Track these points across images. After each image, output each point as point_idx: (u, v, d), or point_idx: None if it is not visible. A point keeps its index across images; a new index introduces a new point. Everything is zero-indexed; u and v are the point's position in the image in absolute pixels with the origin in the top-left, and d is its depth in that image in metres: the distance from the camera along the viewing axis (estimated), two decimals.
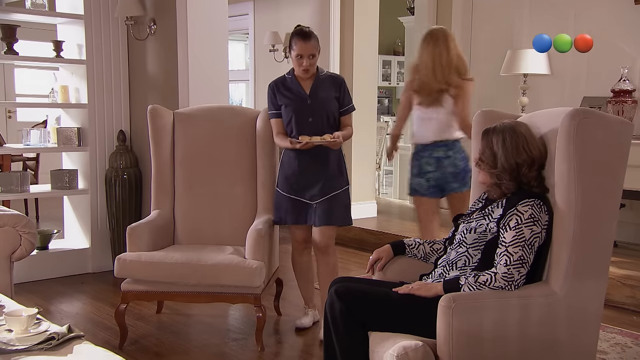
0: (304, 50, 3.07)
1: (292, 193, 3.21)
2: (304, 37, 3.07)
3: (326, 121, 3.17)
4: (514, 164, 2.11)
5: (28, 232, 2.98)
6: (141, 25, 4.43)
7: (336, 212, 3.20)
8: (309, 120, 3.14)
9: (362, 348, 2.11)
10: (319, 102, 3.15)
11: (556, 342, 2.04)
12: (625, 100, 4.45)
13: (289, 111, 3.17)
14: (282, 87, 3.21)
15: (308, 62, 3.08)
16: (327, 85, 3.19)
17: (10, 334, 1.84)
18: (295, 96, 3.16)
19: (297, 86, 3.17)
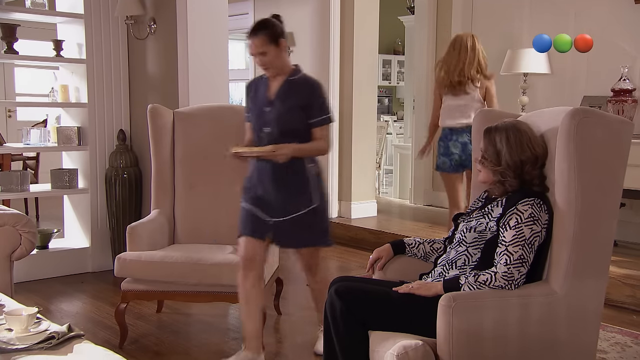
0: (251, 48, 2.70)
1: (248, 205, 2.81)
2: (250, 33, 2.68)
3: (283, 134, 2.69)
4: (518, 161, 2.11)
5: (28, 232, 2.98)
6: (141, 24, 4.43)
7: (299, 235, 2.77)
8: (265, 131, 2.72)
9: (363, 347, 2.11)
10: (276, 110, 2.70)
11: (556, 341, 2.04)
12: (625, 99, 4.45)
13: (249, 118, 2.83)
14: (254, 87, 2.85)
15: (261, 60, 2.69)
16: (296, 90, 2.73)
17: (10, 333, 1.84)
18: (257, 100, 2.79)
19: (265, 89, 2.77)
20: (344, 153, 5.84)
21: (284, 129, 2.69)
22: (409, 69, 7.71)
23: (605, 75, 4.66)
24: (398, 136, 8.66)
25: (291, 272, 4.54)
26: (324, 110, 2.76)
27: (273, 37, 2.68)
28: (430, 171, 6.59)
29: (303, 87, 2.74)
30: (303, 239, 2.81)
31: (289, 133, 2.69)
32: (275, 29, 2.70)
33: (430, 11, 6.44)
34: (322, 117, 2.74)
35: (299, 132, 2.71)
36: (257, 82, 2.85)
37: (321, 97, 2.77)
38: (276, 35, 2.69)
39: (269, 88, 2.76)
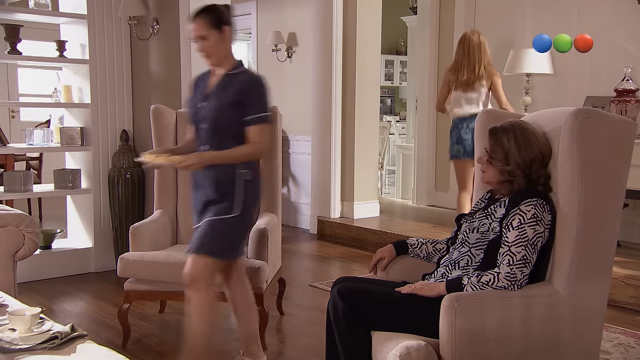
0: (191, 32, 2.54)
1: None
2: (193, 16, 2.54)
3: (217, 131, 2.52)
4: (527, 160, 2.11)
5: (31, 232, 2.98)
6: (144, 25, 4.43)
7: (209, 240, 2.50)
8: (202, 128, 2.57)
9: (365, 348, 2.11)
10: (211, 105, 2.53)
11: (559, 342, 2.04)
12: (628, 99, 4.44)
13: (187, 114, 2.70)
14: (196, 83, 2.69)
15: (201, 45, 2.51)
16: (234, 85, 2.53)
17: (14, 333, 1.84)
18: (196, 95, 2.64)
19: (204, 84, 2.62)
20: (347, 153, 5.84)
21: (218, 126, 2.52)
22: (411, 70, 7.70)
23: (608, 76, 4.65)
24: (400, 136, 8.65)
25: (294, 273, 4.54)
26: (260, 109, 2.52)
27: (216, 22, 2.49)
28: (433, 171, 6.58)
29: (241, 82, 2.53)
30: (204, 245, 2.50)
31: (223, 131, 2.52)
32: (220, 14, 2.52)
33: (433, 11, 6.43)
34: (256, 115, 2.51)
35: (235, 130, 2.52)
36: (200, 77, 2.69)
37: (259, 94, 2.54)
38: (220, 21, 2.51)
39: (208, 83, 2.61)
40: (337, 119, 5.76)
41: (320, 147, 5.84)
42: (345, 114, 5.80)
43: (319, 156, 5.86)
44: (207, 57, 2.55)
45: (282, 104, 5.48)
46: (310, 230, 5.99)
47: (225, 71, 2.56)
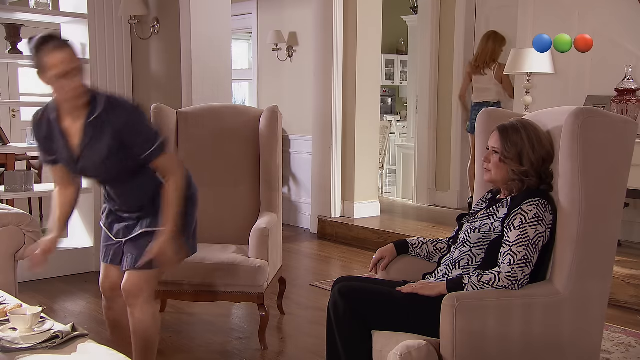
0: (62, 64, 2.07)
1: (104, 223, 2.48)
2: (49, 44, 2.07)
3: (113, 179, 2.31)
4: (540, 158, 2.10)
5: (32, 231, 2.99)
6: (144, 24, 4.44)
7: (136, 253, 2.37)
8: (93, 180, 2.42)
9: (366, 347, 2.11)
10: (90, 162, 2.22)
11: (560, 341, 2.04)
12: (629, 99, 4.44)
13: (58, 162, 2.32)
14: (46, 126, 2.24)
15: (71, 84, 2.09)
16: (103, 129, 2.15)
17: (15, 333, 1.84)
18: (60, 148, 2.23)
19: (60, 135, 2.21)
20: (347, 153, 5.84)
21: (111, 177, 2.29)
22: (412, 69, 7.70)
23: (609, 75, 4.65)
24: (401, 136, 8.65)
25: (295, 272, 4.54)
26: (151, 139, 2.20)
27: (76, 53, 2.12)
28: (434, 171, 6.59)
29: (110, 122, 2.14)
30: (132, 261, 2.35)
31: (120, 175, 2.28)
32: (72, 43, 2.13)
33: (434, 11, 6.43)
34: (152, 148, 2.20)
35: (132, 165, 2.25)
36: (47, 120, 2.23)
37: (139, 125, 2.20)
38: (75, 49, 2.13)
39: (65, 133, 2.18)
40: (337, 118, 5.76)
41: (320, 146, 5.84)
42: (345, 113, 5.80)
43: (319, 156, 5.86)
44: (73, 99, 2.12)
45: (282, 103, 5.49)
46: (311, 229, 5.99)
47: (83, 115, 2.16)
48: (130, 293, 2.36)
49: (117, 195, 2.38)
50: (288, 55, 6.29)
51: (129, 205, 2.38)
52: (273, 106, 3.50)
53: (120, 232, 2.42)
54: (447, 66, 6.43)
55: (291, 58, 6.30)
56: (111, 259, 2.45)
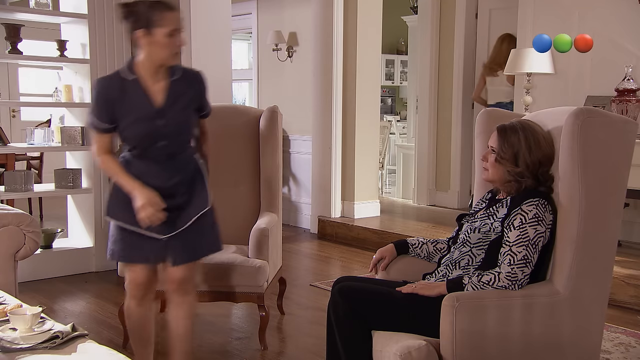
0: (179, 22, 2.24)
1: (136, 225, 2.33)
2: (172, 7, 2.23)
3: (180, 144, 2.37)
4: (536, 161, 2.10)
5: (32, 231, 2.98)
6: None
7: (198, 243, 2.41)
8: (160, 145, 2.31)
9: (366, 347, 2.11)
10: (176, 120, 2.31)
11: (560, 341, 2.04)
12: (629, 99, 4.44)
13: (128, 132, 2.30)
14: (118, 90, 2.26)
15: (179, 41, 2.25)
16: (186, 89, 2.33)
17: (15, 333, 1.84)
18: (136, 109, 2.27)
19: (142, 94, 2.26)
20: (347, 153, 5.84)
21: (183, 139, 2.37)
22: (412, 69, 7.70)
23: (609, 75, 4.65)
24: (401, 136, 8.65)
25: (294, 272, 4.54)
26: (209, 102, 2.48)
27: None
28: (434, 171, 6.59)
29: (190, 83, 2.35)
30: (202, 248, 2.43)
31: (182, 144, 2.37)
32: None
33: (434, 11, 6.43)
34: (209, 108, 2.49)
35: (192, 134, 2.42)
36: (119, 83, 2.28)
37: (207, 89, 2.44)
38: None
39: (148, 92, 2.26)
40: (337, 118, 5.76)
41: (320, 146, 5.84)
42: (345, 113, 5.80)
43: (319, 156, 5.86)
44: (176, 55, 2.27)
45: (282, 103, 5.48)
46: (311, 229, 5.99)
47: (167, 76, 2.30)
48: (187, 281, 2.44)
49: (169, 172, 2.33)
50: (288, 56, 6.29)
51: (176, 185, 2.34)
52: (273, 106, 3.50)
53: (163, 228, 2.32)
54: (447, 66, 6.43)
55: (291, 58, 6.30)
56: (153, 259, 2.38)
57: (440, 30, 6.46)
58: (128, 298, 2.48)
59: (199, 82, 2.40)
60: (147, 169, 2.32)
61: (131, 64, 2.29)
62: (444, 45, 6.45)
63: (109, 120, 2.29)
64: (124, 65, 2.32)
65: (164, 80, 2.30)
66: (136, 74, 2.27)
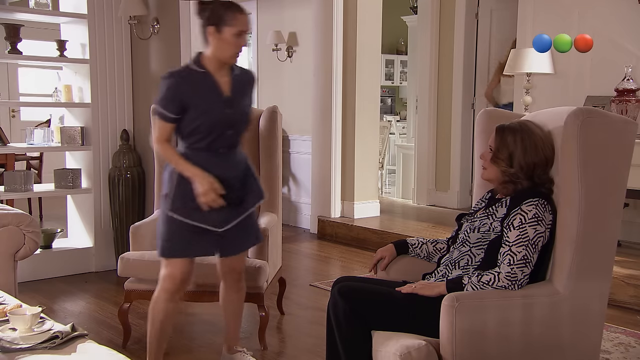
0: (247, 25, 2.41)
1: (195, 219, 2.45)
2: (243, 10, 2.40)
3: (242, 134, 2.54)
4: (531, 164, 2.10)
5: (32, 231, 2.98)
6: (144, 24, 4.43)
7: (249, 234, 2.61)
8: (228, 134, 2.46)
9: (366, 347, 2.11)
10: (239, 110, 2.48)
11: (560, 341, 2.04)
12: (629, 99, 4.44)
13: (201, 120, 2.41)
14: (190, 82, 2.42)
15: (245, 42, 2.43)
16: (245, 85, 2.53)
17: (14, 333, 1.84)
18: (206, 99, 2.41)
19: (212, 85, 2.42)
20: (347, 153, 5.84)
21: (244, 129, 2.55)
22: (411, 69, 7.70)
23: (608, 75, 4.65)
24: (401, 136, 8.65)
25: (294, 272, 4.54)
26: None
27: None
28: (434, 171, 6.58)
29: (247, 79, 2.56)
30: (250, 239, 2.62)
31: (244, 132, 2.57)
32: None
33: (433, 11, 6.43)
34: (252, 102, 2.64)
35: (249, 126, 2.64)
36: (190, 75, 2.44)
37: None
38: None
39: (218, 85, 2.44)
40: (337, 118, 5.76)
41: (320, 146, 5.84)
42: (345, 113, 5.80)
43: (319, 156, 5.86)
44: (238, 55, 2.44)
45: (282, 103, 5.49)
46: (311, 229, 5.99)
47: (229, 71, 2.49)
48: (241, 269, 2.70)
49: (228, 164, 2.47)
50: (288, 56, 6.29)
51: (234, 178, 2.47)
52: (273, 106, 3.50)
53: (220, 221, 2.45)
54: (447, 66, 6.43)
55: (291, 58, 6.30)
56: (206, 252, 2.52)
57: (440, 30, 6.46)
58: (160, 293, 2.54)
59: (253, 81, 2.59)
60: (208, 161, 2.44)
61: (198, 59, 2.46)
62: (443, 45, 6.45)
63: (177, 111, 2.40)
64: (191, 60, 2.48)
65: (228, 74, 2.48)
66: (205, 68, 2.44)
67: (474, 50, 6.34)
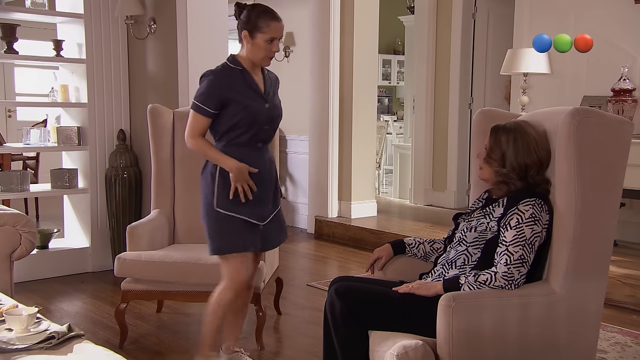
0: (279, 32, 2.53)
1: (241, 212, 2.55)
2: (277, 17, 2.53)
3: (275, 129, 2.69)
4: (523, 164, 2.10)
5: (28, 231, 2.98)
6: (141, 24, 4.43)
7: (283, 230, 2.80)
8: (265, 129, 2.58)
9: (362, 347, 2.11)
10: (274, 106, 2.62)
11: (556, 341, 2.04)
12: (625, 99, 4.45)
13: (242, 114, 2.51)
14: (231, 79, 2.54)
15: (276, 47, 2.54)
16: (274, 84, 2.71)
17: (11, 333, 1.84)
18: (247, 95, 2.53)
19: (251, 82, 2.55)
20: (344, 153, 5.84)
21: (277, 126, 2.70)
22: (408, 69, 7.71)
23: (605, 75, 4.66)
24: (398, 136, 8.66)
25: (292, 272, 4.54)
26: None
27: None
28: (431, 171, 6.59)
29: (276, 81, 2.74)
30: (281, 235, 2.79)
31: (273, 132, 2.70)
32: None
33: (430, 11, 6.44)
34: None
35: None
36: (230, 72, 2.55)
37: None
38: None
39: (255, 83, 2.56)
40: (334, 118, 5.77)
41: (317, 146, 5.84)
42: (342, 113, 5.81)
43: (316, 156, 5.86)
44: (270, 59, 2.56)
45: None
46: (308, 229, 5.99)
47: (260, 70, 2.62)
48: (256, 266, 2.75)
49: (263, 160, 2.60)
50: (285, 56, 6.29)
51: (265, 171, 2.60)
52: None
53: (261, 216, 2.59)
54: (444, 66, 6.43)
55: (288, 58, 6.29)
56: (258, 246, 2.62)
57: (437, 30, 6.46)
58: (227, 291, 2.58)
59: (278, 81, 2.75)
60: (249, 155, 2.55)
61: (233, 58, 2.58)
62: (440, 45, 6.46)
63: (216, 107, 2.50)
64: (228, 60, 2.59)
65: (260, 73, 2.62)
66: (241, 65, 2.56)
67: (470, 50, 6.35)
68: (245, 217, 2.53)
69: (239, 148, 2.54)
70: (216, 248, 2.56)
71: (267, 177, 2.61)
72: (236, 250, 2.54)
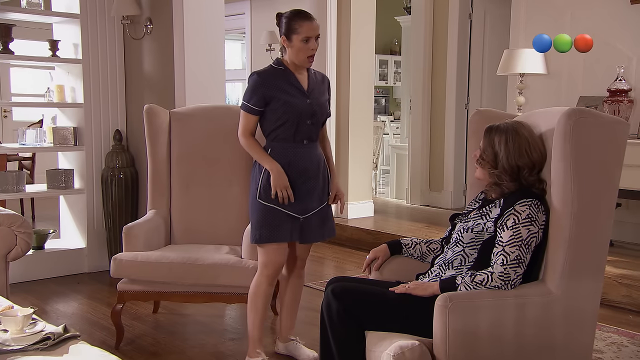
0: (313, 31, 2.67)
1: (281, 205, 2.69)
2: (308, 17, 2.70)
3: (319, 125, 2.80)
4: (514, 166, 2.10)
5: (24, 232, 2.97)
6: (137, 24, 4.42)
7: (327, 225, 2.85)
8: (308, 124, 2.70)
9: (359, 347, 2.11)
10: (316, 102, 2.73)
11: (552, 341, 2.05)
12: (621, 99, 4.46)
13: (284, 109, 2.67)
14: (275, 79, 2.69)
15: (315, 46, 2.68)
16: (320, 83, 2.81)
17: (6, 334, 1.84)
18: (292, 92, 2.68)
19: (294, 81, 2.70)
20: (341, 153, 5.84)
21: (321, 121, 2.79)
22: (405, 69, 7.71)
23: (601, 76, 4.67)
24: (395, 136, 8.66)
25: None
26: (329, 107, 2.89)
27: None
28: (427, 171, 6.60)
29: (322, 80, 2.84)
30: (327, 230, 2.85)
31: (322, 124, 2.82)
32: None
33: (427, 11, 6.44)
34: (329, 114, 2.86)
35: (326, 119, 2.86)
36: (274, 72, 2.71)
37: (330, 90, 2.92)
38: None
39: (299, 81, 2.71)
40: (331, 119, 5.76)
41: None
42: (339, 114, 5.81)
43: None
44: (311, 58, 2.69)
45: None
46: None
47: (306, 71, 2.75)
48: (306, 258, 2.94)
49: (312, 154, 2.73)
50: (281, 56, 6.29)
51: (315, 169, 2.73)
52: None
53: (302, 209, 2.70)
54: (441, 66, 6.44)
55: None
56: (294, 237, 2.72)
57: (434, 31, 6.47)
58: (262, 279, 2.75)
59: (327, 80, 2.86)
60: (295, 152, 2.70)
61: (279, 60, 2.76)
62: (437, 45, 6.47)
63: (261, 104, 2.67)
64: (273, 62, 2.77)
65: (305, 73, 2.75)
66: (285, 66, 2.73)
67: (467, 50, 6.36)
68: (283, 209, 2.68)
69: (284, 144, 2.69)
70: (255, 236, 2.71)
71: (313, 174, 2.73)
72: (272, 240, 2.68)
